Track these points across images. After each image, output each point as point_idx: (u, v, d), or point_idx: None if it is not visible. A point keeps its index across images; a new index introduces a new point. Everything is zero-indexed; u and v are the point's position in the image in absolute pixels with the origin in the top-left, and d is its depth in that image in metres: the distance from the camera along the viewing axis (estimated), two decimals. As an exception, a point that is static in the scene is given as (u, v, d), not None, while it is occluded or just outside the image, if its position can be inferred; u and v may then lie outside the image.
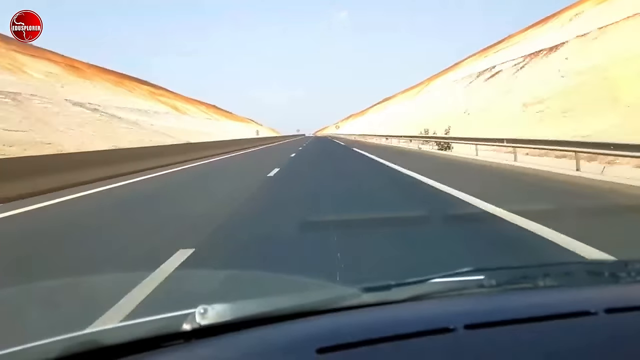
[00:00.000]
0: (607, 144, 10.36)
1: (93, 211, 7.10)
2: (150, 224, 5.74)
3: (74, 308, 1.29)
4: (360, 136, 62.94)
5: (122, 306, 1.36)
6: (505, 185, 9.06)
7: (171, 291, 1.46)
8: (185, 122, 59.96)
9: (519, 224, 4.75)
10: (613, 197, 7.12)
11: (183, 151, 20.39)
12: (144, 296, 1.52)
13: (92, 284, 1.76)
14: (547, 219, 4.68)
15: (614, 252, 3.38)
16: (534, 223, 4.64)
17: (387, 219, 5.41)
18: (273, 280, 1.53)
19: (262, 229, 5.16)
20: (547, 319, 0.82)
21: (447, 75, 68.92)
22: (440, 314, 0.89)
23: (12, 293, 1.55)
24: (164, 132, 40.74)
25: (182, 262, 3.16)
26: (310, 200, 7.46)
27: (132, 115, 42.15)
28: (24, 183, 8.79)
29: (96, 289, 1.64)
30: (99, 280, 2.16)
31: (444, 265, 3.36)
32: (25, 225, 6.09)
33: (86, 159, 12.10)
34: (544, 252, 3.80)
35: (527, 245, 4.03)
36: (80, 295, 1.50)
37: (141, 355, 0.80)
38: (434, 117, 38.03)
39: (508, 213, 5.24)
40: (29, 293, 1.55)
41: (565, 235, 4.11)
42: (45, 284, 2.33)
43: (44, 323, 1.15)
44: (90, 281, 2.02)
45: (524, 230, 4.50)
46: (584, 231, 4.21)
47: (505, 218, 5.10)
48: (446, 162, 15.76)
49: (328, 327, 0.85)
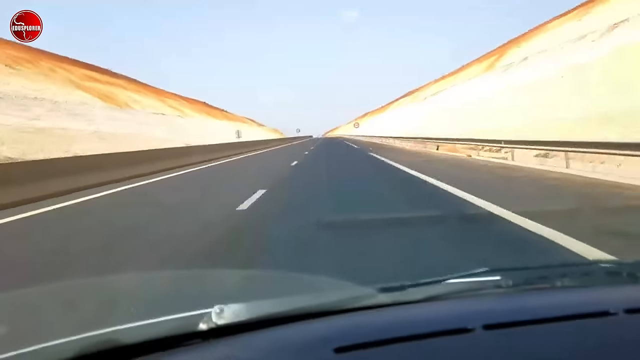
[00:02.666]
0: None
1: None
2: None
3: (92, 307, 1.31)
4: (385, 139, 47.42)
5: (139, 305, 1.37)
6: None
7: (187, 291, 1.46)
8: (123, 119, 39.74)
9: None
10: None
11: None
12: (160, 296, 1.53)
13: (110, 284, 1.78)
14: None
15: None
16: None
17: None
18: (288, 280, 1.54)
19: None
20: (566, 319, 0.82)
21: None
22: (458, 314, 0.89)
23: (31, 293, 1.58)
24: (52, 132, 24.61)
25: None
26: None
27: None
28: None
29: (114, 288, 1.66)
30: (117, 279, 2.18)
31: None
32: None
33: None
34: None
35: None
36: (99, 294, 1.51)
37: (158, 355, 0.80)
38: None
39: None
40: (48, 292, 1.57)
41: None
42: (65, 283, 2.37)
43: (62, 322, 1.16)
44: (109, 281, 2.04)
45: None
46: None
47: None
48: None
49: (345, 327, 0.85)
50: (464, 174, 11.58)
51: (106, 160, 12.96)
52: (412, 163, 14.74)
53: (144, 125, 41.56)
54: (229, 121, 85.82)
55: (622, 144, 10.60)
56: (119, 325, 0.87)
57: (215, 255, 4.15)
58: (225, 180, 12.88)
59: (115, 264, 3.98)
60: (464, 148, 21.90)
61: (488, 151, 20.48)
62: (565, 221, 4.77)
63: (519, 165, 13.43)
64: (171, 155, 17.37)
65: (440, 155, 20.43)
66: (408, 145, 32.95)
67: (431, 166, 13.95)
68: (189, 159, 18.15)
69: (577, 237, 4.01)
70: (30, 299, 1.38)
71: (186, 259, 4.01)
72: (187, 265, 3.79)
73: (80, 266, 3.93)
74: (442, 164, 15.07)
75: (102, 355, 0.80)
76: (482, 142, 19.61)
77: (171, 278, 2.00)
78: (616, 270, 1.16)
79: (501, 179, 10.42)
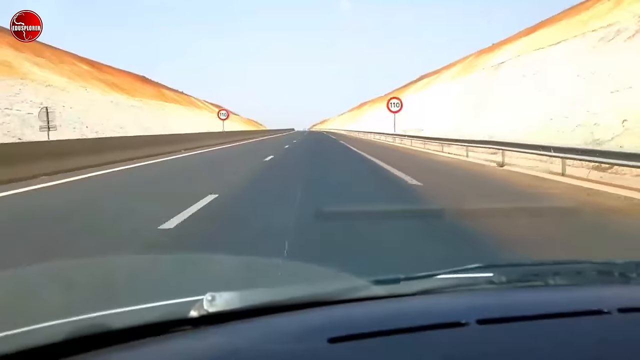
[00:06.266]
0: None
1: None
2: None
3: (84, 290, 1.30)
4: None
5: (131, 289, 1.36)
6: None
7: (180, 276, 1.46)
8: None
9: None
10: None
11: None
12: (153, 281, 1.52)
13: (103, 266, 1.78)
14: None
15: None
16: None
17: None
18: (282, 269, 1.54)
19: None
20: (561, 317, 0.82)
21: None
22: (452, 308, 0.89)
23: (22, 272, 1.57)
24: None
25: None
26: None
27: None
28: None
29: (107, 271, 1.65)
30: (110, 262, 2.18)
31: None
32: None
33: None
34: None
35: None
36: (92, 276, 1.51)
37: (148, 340, 0.80)
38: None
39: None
40: (39, 272, 1.56)
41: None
42: (57, 263, 2.36)
43: (52, 304, 1.15)
44: (101, 263, 2.04)
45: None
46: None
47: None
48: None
49: (339, 317, 0.86)
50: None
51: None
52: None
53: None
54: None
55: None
56: (109, 310, 0.86)
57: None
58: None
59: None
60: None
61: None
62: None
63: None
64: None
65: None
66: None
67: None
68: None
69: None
70: (21, 279, 1.37)
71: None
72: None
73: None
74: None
75: (93, 339, 0.79)
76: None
77: (165, 263, 1.99)
78: (608, 269, 1.17)
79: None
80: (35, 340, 0.77)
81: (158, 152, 17.64)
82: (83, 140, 19.47)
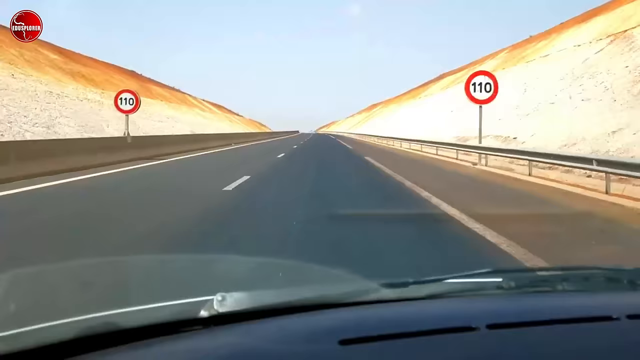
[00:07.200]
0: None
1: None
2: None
3: (97, 289, 1.31)
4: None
5: (142, 289, 1.37)
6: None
7: (192, 276, 1.47)
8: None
9: None
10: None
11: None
12: (165, 280, 1.53)
13: (117, 266, 1.79)
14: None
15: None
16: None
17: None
18: (292, 270, 1.54)
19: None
20: (570, 322, 0.82)
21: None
22: (461, 312, 0.89)
23: (40, 271, 1.58)
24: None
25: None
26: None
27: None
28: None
29: (119, 270, 1.67)
30: (123, 262, 2.19)
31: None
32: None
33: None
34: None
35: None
36: (105, 276, 1.52)
37: (159, 339, 0.81)
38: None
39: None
40: (54, 271, 1.57)
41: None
42: (75, 263, 2.38)
43: (65, 302, 1.16)
44: (115, 263, 2.05)
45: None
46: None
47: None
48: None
49: (350, 320, 0.86)
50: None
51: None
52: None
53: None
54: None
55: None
56: (121, 309, 0.87)
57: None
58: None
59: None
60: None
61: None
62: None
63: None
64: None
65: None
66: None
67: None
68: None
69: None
70: (40, 278, 1.39)
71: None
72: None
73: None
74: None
75: (103, 337, 0.80)
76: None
77: (176, 263, 2.00)
78: (616, 276, 1.16)
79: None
80: (48, 338, 0.78)
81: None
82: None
